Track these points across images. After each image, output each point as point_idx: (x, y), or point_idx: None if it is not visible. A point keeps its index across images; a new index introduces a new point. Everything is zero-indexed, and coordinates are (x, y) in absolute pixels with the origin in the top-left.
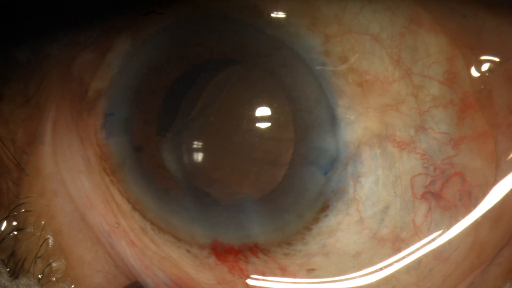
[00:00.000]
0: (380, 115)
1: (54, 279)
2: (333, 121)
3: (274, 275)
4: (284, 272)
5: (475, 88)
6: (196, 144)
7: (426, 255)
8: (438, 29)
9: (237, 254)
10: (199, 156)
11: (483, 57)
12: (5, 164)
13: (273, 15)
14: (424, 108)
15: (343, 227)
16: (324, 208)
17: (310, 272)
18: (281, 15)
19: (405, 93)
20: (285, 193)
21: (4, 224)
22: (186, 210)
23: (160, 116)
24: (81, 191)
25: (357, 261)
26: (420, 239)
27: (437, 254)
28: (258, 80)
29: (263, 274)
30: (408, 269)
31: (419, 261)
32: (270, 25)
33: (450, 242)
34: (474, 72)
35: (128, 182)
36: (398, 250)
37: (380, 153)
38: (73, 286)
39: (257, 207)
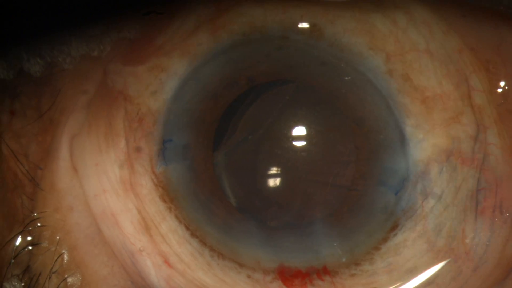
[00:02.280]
0: (446, 129)
1: None
2: (402, 140)
3: None
4: None
5: (497, 102)
6: (254, 168)
7: (467, 266)
8: (462, 43)
9: (304, 277)
10: (258, 180)
11: (503, 72)
12: (19, 179)
13: (333, 35)
14: (482, 122)
15: (408, 244)
16: (394, 227)
17: None
18: (341, 34)
19: (462, 104)
20: (355, 214)
21: (19, 239)
22: (250, 236)
23: (216, 140)
24: (106, 209)
25: (414, 275)
26: (466, 248)
27: (475, 265)
28: (320, 101)
29: None
30: (450, 280)
31: (460, 272)
32: (332, 46)
33: (485, 254)
34: (496, 87)
35: (187, 209)
36: (447, 260)
37: (446, 168)
38: None
39: (325, 229)
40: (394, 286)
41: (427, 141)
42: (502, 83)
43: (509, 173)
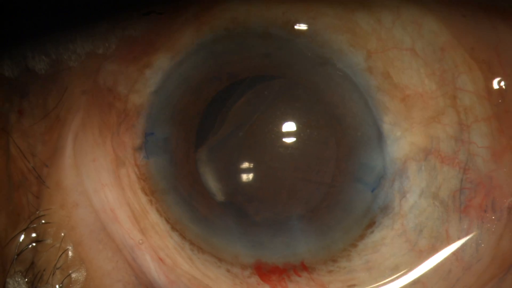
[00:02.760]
0: (425, 128)
1: None
2: (379, 138)
3: None
4: None
5: (494, 101)
6: (235, 163)
7: (455, 265)
8: (455, 42)
9: (282, 273)
10: (238, 175)
11: (500, 72)
12: (25, 177)
13: (314, 31)
14: (466, 122)
15: (387, 242)
16: (371, 224)
17: (350, 287)
18: (322, 31)
19: (443, 104)
20: (332, 210)
21: (23, 236)
22: (229, 231)
23: (198, 135)
24: (105, 204)
25: (395, 273)
26: (452, 249)
27: (465, 264)
28: (300, 97)
29: None
30: (438, 279)
31: (449, 271)
32: (312, 42)
33: (476, 252)
34: (494, 86)
35: (168, 203)
36: (432, 260)
37: (424, 166)
38: None
39: (303, 226)
40: (375, 284)
41: (404, 139)
42: (499, 83)
43: (500, 172)
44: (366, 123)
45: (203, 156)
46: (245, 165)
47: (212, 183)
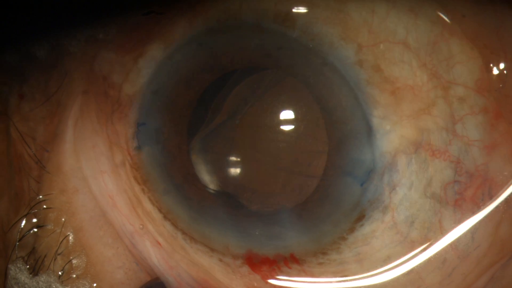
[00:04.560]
0: (415, 121)
1: (74, 275)
2: (369, 132)
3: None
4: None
5: (494, 87)
6: (227, 154)
7: (450, 254)
8: (457, 29)
9: (272, 264)
10: (230, 166)
11: (502, 56)
12: (26, 161)
13: (305, 23)
14: (458, 113)
15: (377, 234)
16: (360, 218)
17: (342, 278)
18: (313, 23)
19: (434, 96)
20: (321, 203)
21: (24, 221)
22: (220, 221)
23: (190, 126)
24: (104, 191)
25: (387, 263)
26: (445, 239)
27: (460, 253)
28: (290, 90)
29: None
30: (433, 268)
31: (444, 260)
32: (304, 34)
33: (472, 240)
34: (495, 71)
35: (160, 192)
36: (425, 250)
37: (415, 159)
38: (94, 284)
39: (292, 218)
40: (367, 274)
41: (394, 132)
42: (500, 67)
43: (495, 161)
44: (355, 117)
45: (195, 147)
46: (237, 156)
47: (203, 173)
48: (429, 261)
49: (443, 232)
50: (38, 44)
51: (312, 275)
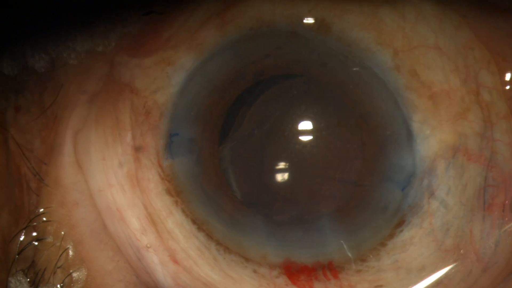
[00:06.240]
0: (452, 125)
1: None
2: (409, 136)
3: None
4: None
5: (506, 96)
6: (263, 162)
7: (476, 266)
8: (473, 35)
9: (311, 273)
10: (266, 174)
11: None
12: (25, 174)
13: (341, 29)
14: (489, 118)
15: (415, 241)
16: (400, 223)
17: None
18: (349, 29)
19: (468, 100)
20: (362, 209)
21: (23, 234)
22: (257, 230)
23: (223, 135)
24: (111, 204)
25: (421, 274)
26: (474, 249)
27: (484, 265)
28: (329, 97)
29: None
30: (459, 281)
31: (469, 272)
32: (339, 40)
33: (494, 253)
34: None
35: (194, 203)
36: (456, 260)
37: (452, 164)
38: None
39: (331, 225)
40: (401, 285)
41: (434, 137)
42: None
43: None
44: (395, 122)
45: (228, 156)
46: (271, 164)
47: (237, 182)
48: (457, 272)
49: (472, 242)
50: (35, 53)
51: (349, 285)
